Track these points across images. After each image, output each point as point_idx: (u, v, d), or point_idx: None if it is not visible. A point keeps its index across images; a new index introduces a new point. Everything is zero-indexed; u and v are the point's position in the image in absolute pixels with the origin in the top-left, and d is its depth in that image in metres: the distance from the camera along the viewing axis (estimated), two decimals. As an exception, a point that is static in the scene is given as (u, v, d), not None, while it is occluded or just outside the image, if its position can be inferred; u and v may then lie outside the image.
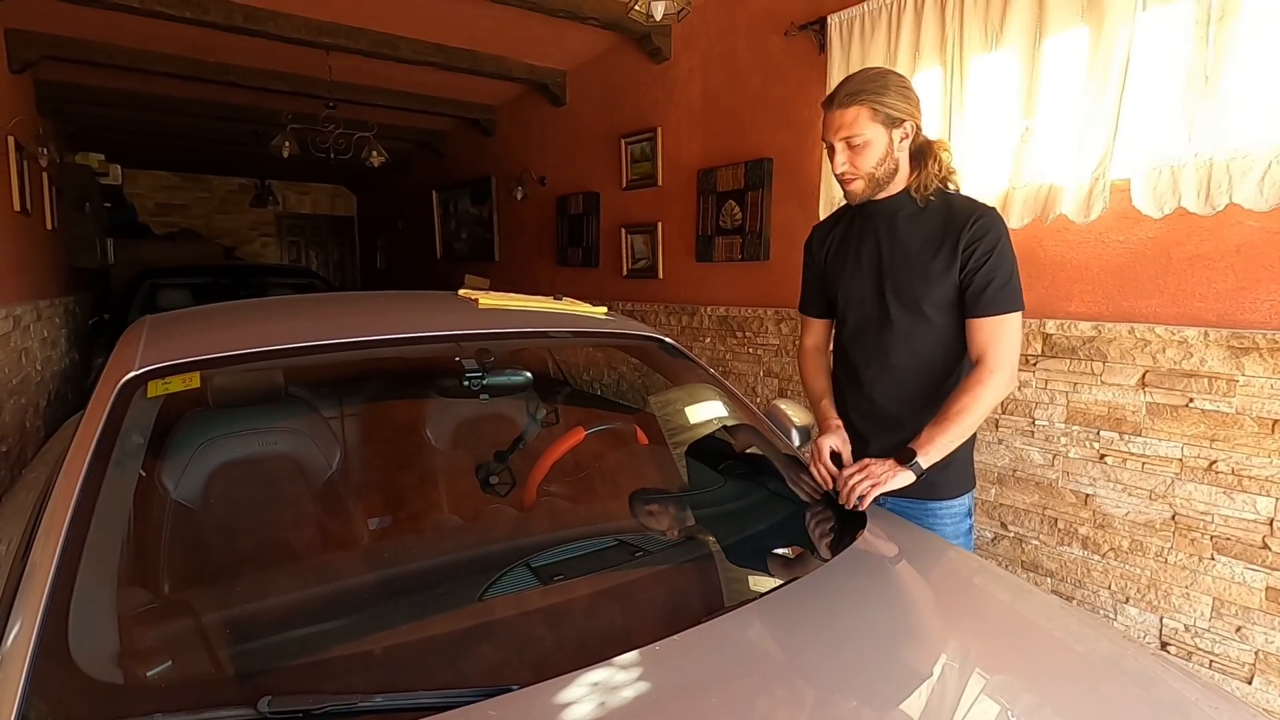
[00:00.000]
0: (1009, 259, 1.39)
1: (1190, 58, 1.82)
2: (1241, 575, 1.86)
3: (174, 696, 0.79)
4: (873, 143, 1.40)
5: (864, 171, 1.43)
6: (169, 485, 1.32)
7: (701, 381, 1.72)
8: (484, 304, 1.64)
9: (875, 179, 1.44)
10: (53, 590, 0.82)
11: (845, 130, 1.41)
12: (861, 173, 1.43)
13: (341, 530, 1.41)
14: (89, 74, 4.66)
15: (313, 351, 1.30)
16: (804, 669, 0.92)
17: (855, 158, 1.42)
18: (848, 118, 1.40)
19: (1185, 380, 1.93)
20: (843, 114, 1.41)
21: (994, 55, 2.24)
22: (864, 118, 1.39)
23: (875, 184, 1.45)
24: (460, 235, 6.83)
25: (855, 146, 1.41)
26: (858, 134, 1.40)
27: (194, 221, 9.13)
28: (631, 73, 4.19)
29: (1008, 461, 2.35)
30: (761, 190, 3.33)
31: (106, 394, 1.09)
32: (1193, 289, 1.93)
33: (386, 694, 0.77)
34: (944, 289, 1.42)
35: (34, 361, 4.09)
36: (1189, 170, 1.83)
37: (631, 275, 4.36)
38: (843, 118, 1.41)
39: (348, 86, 4.90)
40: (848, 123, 1.41)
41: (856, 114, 1.40)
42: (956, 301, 1.43)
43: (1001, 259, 1.38)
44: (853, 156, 1.42)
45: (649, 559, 1.19)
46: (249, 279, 5.75)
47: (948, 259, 1.40)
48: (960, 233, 1.39)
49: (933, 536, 1.40)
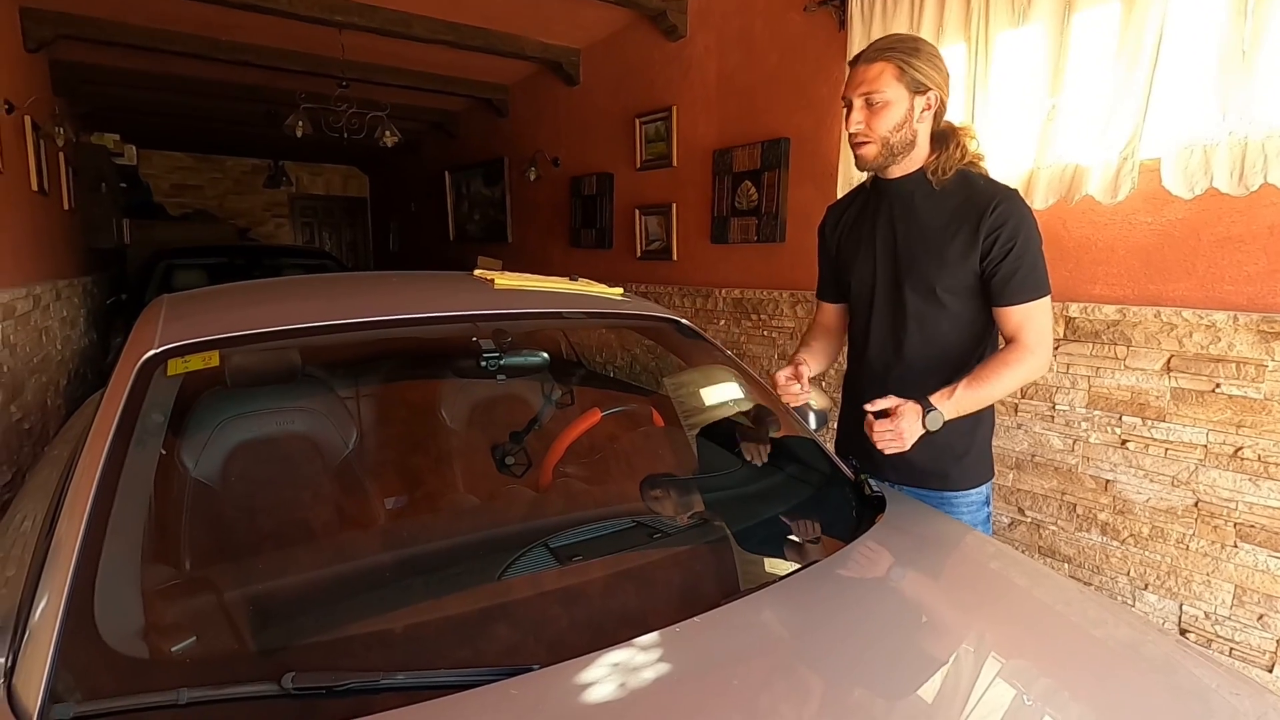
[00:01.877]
0: (1034, 243, 1.33)
1: (1227, 32, 1.76)
2: (1265, 563, 1.83)
3: (199, 672, 0.80)
4: (893, 104, 1.33)
5: (878, 134, 1.35)
6: (189, 463, 1.33)
7: (717, 363, 1.70)
8: (500, 284, 1.63)
9: (890, 145, 1.36)
10: (78, 566, 0.83)
11: (867, 85, 1.33)
12: (876, 135, 1.35)
13: (359, 510, 1.42)
14: (104, 53, 4.66)
15: (330, 331, 1.30)
16: (821, 652, 0.91)
17: (872, 118, 1.34)
18: (871, 72, 1.33)
19: (1212, 365, 1.89)
20: (867, 69, 1.34)
21: (1020, 31, 2.19)
22: (889, 75, 1.32)
23: (889, 151, 1.37)
24: (473, 217, 6.81)
25: (874, 105, 1.33)
26: (879, 90, 1.32)
27: (208, 202, 9.18)
28: (646, 51, 4.13)
29: (1026, 446, 2.33)
30: (778, 171, 3.29)
31: (127, 372, 1.09)
32: (1222, 272, 1.89)
33: (409, 672, 0.78)
34: (961, 274, 1.36)
35: (54, 340, 4.14)
36: (1222, 149, 1.78)
37: (645, 257, 4.33)
38: (866, 72, 1.34)
39: (361, 66, 4.87)
40: (870, 78, 1.33)
41: (881, 70, 1.32)
42: (974, 288, 1.37)
43: (1027, 244, 1.32)
44: (869, 116, 1.34)
45: (667, 541, 1.19)
46: (263, 260, 5.79)
47: (966, 243, 1.34)
48: (981, 217, 1.32)
49: (951, 520, 1.39)
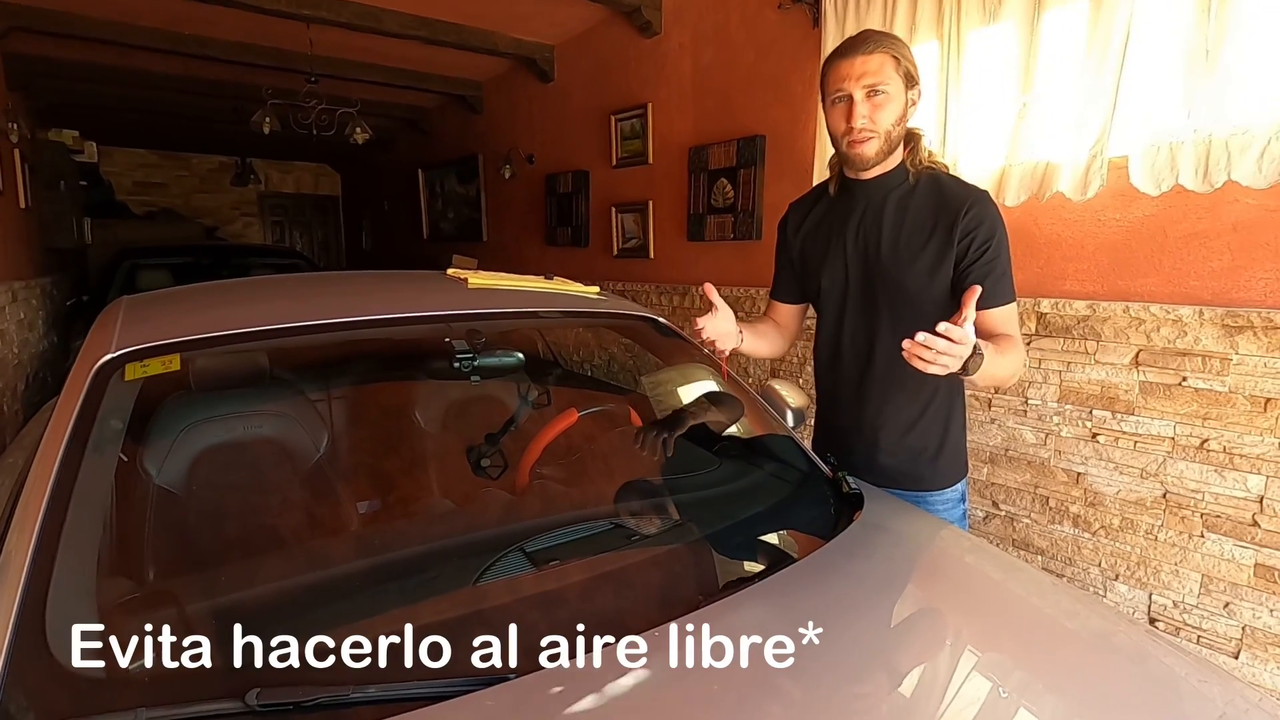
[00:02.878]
0: (1006, 248, 1.31)
1: (1191, 33, 1.79)
2: (1231, 552, 1.88)
3: (159, 690, 0.77)
4: (894, 98, 1.28)
5: (882, 128, 1.29)
6: (151, 470, 1.29)
7: (695, 361, 1.69)
8: (474, 284, 1.60)
9: (890, 140, 1.31)
10: (29, 580, 0.79)
11: (871, 77, 1.26)
12: (880, 129, 1.29)
13: (330, 515, 1.38)
14: (61, 46, 4.51)
15: (298, 333, 1.26)
16: (800, 652, 0.91)
17: (875, 111, 1.28)
18: (872, 64, 1.26)
19: (1179, 359, 1.93)
20: (867, 60, 1.26)
21: (992, 29, 2.21)
22: (888, 67, 1.26)
23: (888, 147, 1.32)
24: (447, 215, 6.73)
25: (877, 98, 1.27)
26: (884, 82, 1.26)
27: (173, 201, 8.95)
28: (621, 48, 4.11)
29: (1000, 441, 2.35)
30: (754, 168, 3.29)
31: (82, 377, 1.05)
32: (1188, 267, 1.93)
33: (380, 685, 0.75)
34: (937, 278, 1.33)
35: (10, 344, 4.00)
36: (1188, 147, 1.81)
37: (622, 255, 4.31)
38: (866, 64, 1.26)
39: (330, 61, 4.78)
40: (872, 69, 1.26)
41: (882, 62, 1.26)
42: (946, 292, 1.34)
43: (1000, 249, 1.29)
44: (873, 110, 1.28)
45: (646, 543, 1.17)
46: (231, 259, 5.66)
47: (940, 246, 1.31)
48: (955, 220, 1.29)
49: (928, 517, 1.40)
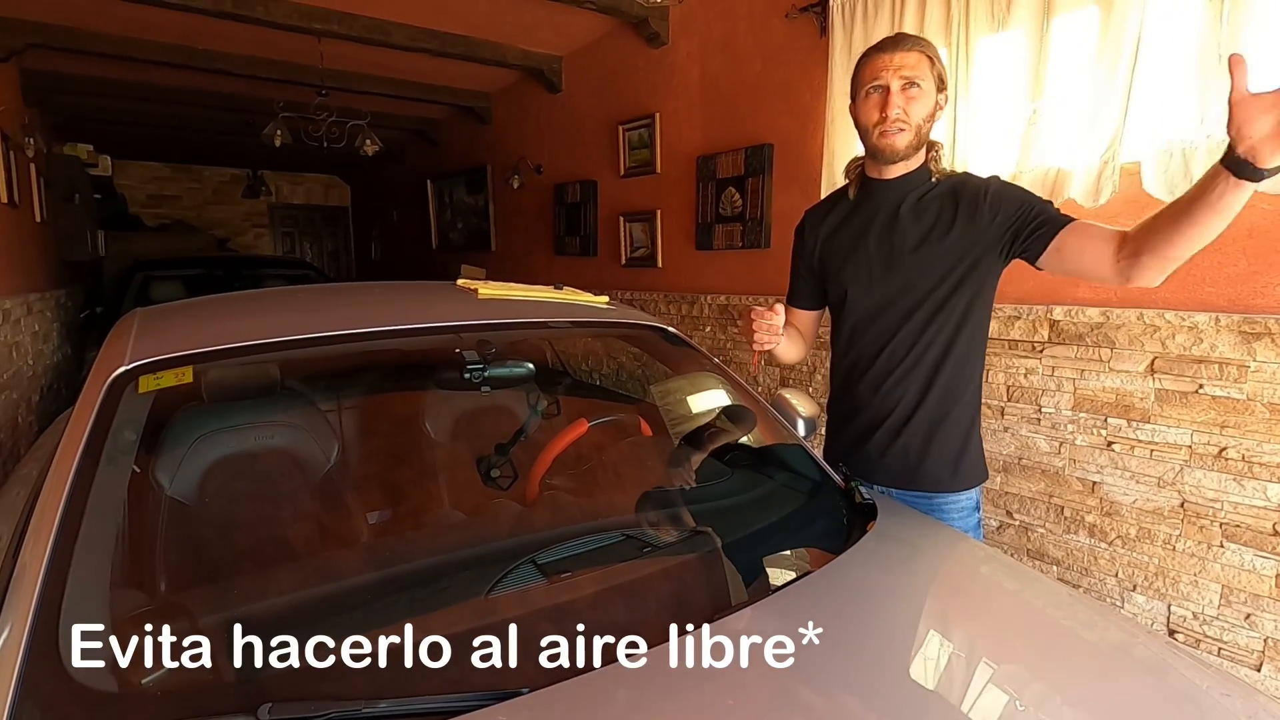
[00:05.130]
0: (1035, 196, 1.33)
1: (1203, 37, 1.78)
2: (1251, 562, 1.85)
3: (171, 704, 0.77)
4: (927, 95, 1.32)
5: (915, 121, 1.33)
6: (164, 482, 1.29)
7: (704, 371, 1.68)
8: (484, 294, 1.61)
9: (921, 136, 1.34)
10: (43, 592, 0.79)
11: (909, 70, 1.31)
12: (913, 122, 1.32)
13: (341, 526, 1.38)
14: (76, 62, 4.58)
15: (309, 344, 1.27)
16: (816, 665, 0.90)
17: (910, 103, 1.32)
18: (910, 59, 1.31)
19: (1195, 366, 1.91)
20: (906, 55, 1.31)
21: (1001, 36, 2.20)
22: (925, 65, 1.31)
23: (918, 143, 1.35)
24: (456, 225, 6.76)
25: (914, 91, 1.31)
26: (920, 77, 1.31)
27: (186, 213, 9.04)
28: (629, 58, 4.13)
29: (1013, 449, 2.33)
30: (762, 176, 3.29)
31: (96, 390, 1.05)
32: (1203, 274, 1.90)
33: (392, 699, 0.75)
34: (958, 270, 1.35)
35: (25, 356, 4.04)
36: (1201, 152, 1.80)
37: (630, 264, 4.32)
38: (906, 58, 1.31)
39: (340, 74, 4.82)
40: (911, 63, 1.31)
41: (919, 59, 1.31)
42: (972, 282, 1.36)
43: (1029, 196, 1.32)
44: (908, 101, 1.31)
45: (658, 554, 1.16)
46: (243, 270, 5.70)
47: (967, 230, 1.34)
48: (978, 201, 1.33)
49: (942, 526, 1.38)
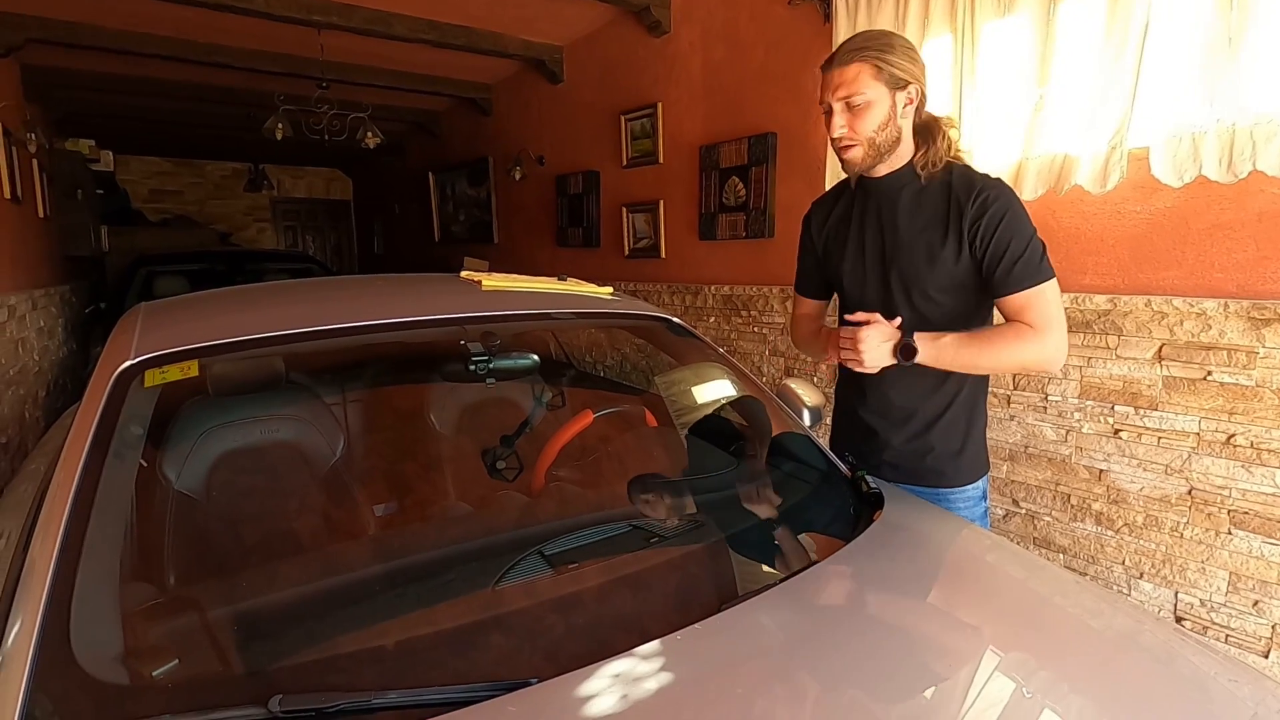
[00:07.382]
0: (1025, 228, 1.29)
1: (1212, 20, 1.75)
2: (1260, 549, 1.84)
3: (181, 696, 0.77)
4: (874, 104, 1.31)
5: (863, 136, 1.33)
6: (171, 476, 1.29)
7: (709, 361, 1.68)
8: (488, 286, 1.60)
9: (876, 145, 1.34)
10: (53, 586, 0.79)
11: (845, 89, 1.31)
12: (861, 137, 1.33)
13: (348, 519, 1.38)
14: (76, 57, 4.56)
15: (313, 337, 1.26)
16: (824, 653, 0.90)
17: (854, 120, 1.32)
18: (848, 75, 1.31)
19: (1203, 353, 1.89)
20: (843, 72, 1.31)
21: (1006, 21, 2.18)
22: (866, 75, 1.30)
23: (875, 152, 1.35)
24: (458, 217, 6.74)
25: (855, 108, 1.32)
26: (858, 93, 1.30)
27: (188, 207, 9.03)
28: (630, 47, 4.10)
29: (1020, 438, 2.32)
30: (765, 166, 3.27)
31: (102, 385, 1.05)
32: (1212, 259, 1.89)
33: (401, 690, 0.75)
34: (951, 273, 1.34)
35: (31, 352, 4.05)
36: (1210, 137, 1.78)
37: (633, 255, 4.30)
38: (842, 75, 1.31)
39: (341, 66, 4.80)
40: (848, 80, 1.31)
41: (858, 72, 1.30)
42: (967, 284, 1.35)
43: (1014, 230, 1.28)
44: (851, 119, 1.32)
45: (664, 544, 1.16)
46: (246, 265, 5.71)
47: (953, 240, 1.32)
48: (963, 211, 1.30)
49: (949, 515, 1.38)
